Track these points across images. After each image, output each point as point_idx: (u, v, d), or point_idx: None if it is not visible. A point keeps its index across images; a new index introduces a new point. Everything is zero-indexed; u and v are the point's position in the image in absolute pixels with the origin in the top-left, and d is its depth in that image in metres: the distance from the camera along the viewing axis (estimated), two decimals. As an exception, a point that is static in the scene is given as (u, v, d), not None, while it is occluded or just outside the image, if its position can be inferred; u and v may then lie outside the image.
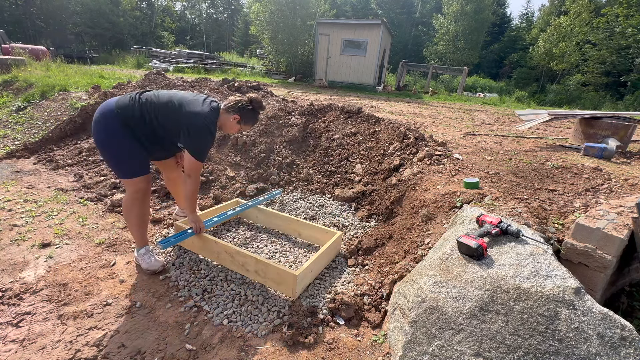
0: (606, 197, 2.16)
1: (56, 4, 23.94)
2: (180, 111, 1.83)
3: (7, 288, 1.79)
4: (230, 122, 2.00)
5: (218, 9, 44.28)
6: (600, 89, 20.95)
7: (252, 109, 2.03)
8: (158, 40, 30.17)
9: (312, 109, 4.41)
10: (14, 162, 3.76)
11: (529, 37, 27.25)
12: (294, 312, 1.76)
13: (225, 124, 2.02)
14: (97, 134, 1.84)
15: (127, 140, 1.83)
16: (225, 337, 1.62)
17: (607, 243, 1.52)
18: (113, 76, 7.62)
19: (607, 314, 1.17)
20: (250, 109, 2.02)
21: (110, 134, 1.82)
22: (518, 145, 4.14)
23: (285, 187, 3.41)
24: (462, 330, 1.28)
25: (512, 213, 1.80)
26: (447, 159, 2.96)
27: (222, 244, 2.08)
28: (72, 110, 4.84)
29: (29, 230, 2.39)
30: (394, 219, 2.58)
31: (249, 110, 2.02)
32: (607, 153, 3.50)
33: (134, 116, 1.82)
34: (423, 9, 33.85)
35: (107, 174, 3.54)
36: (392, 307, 1.62)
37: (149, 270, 2.03)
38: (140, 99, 1.86)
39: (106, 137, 1.82)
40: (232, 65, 17.18)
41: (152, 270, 2.02)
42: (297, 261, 2.31)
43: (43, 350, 1.47)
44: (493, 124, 6.43)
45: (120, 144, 1.83)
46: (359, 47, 13.38)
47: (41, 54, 10.11)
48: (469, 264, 1.42)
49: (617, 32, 17.63)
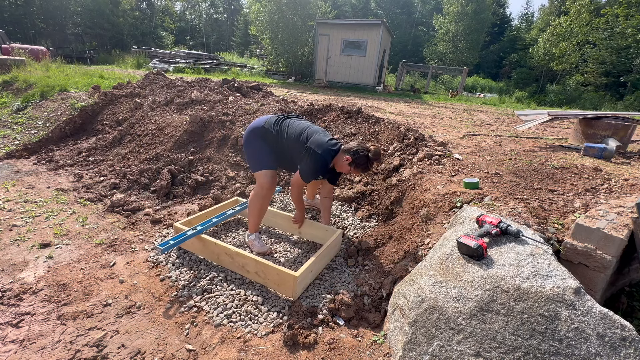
0: (606, 197, 2.16)
1: (56, 4, 23.90)
2: (308, 140, 2.14)
3: (7, 288, 1.79)
4: (342, 161, 2.16)
5: (218, 10, 44.29)
6: (600, 89, 20.95)
7: (365, 155, 2.11)
8: (158, 41, 30.16)
9: (312, 109, 4.41)
10: (13, 163, 3.76)
11: (528, 38, 27.26)
12: (294, 313, 1.76)
13: (337, 162, 2.20)
14: (245, 138, 2.26)
15: (261, 143, 2.22)
16: (225, 338, 1.62)
17: (607, 243, 1.52)
18: (113, 76, 7.63)
19: (607, 314, 1.17)
20: (363, 155, 2.10)
21: (253, 137, 2.23)
22: (518, 146, 4.14)
23: (286, 187, 3.41)
24: (462, 330, 1.28)
25: (512, 213, 1.80)
26: (447, 159, 2.96)
27: (222, 245, 2.09)
28: (72, 111, 4.85)
29: (29, 230, 2.39)
30: (394, 219, 2.58)
31: (362, 157, 2.10)
32: (607, 153, 3.50)
33: (273, 133, 2.20)
34: (423, 9, 33.86)
35: (107, 174, 3.54)
36: (392, 308, 1.62)
37: (260, 252, 2.29)
38: (281, 122, 2.25)
39: (248, 139, 2.25)
40: (232, 65, 17.18)
41: (262, 253, 2.29)
42: (297, 261, 2.31)
43: (43, 351, 1.47)
44: (493, 124, 6.43)
45: (257, 145, 2.23)
46: (359, 47, 13.38)
47: (41, 54, 10.11)
48: (469, 264, 1.42)
49: (617, 33, 17.63)
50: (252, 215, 2.34)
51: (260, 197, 2.26)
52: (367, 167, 2.17)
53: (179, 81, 5.74)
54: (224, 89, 5.51)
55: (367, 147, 2.14)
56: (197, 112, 4.17)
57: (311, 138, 2.14)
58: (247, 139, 2.26)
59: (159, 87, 5.46)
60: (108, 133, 4.48)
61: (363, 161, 2.11)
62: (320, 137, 2.16)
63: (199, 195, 3.25)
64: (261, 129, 2.22)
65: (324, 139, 2.14)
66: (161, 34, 31.85)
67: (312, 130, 2.22)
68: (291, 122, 2.26)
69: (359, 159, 2.10)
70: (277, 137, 2.20)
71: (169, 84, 5.50)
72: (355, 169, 2.15)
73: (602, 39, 18.73)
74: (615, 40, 18.14)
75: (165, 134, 4.01)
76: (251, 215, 2.34)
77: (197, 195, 3.23)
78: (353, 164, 2.12)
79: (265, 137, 2.21)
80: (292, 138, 2.17)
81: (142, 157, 3.76)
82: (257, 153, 2.24)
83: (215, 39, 41.55)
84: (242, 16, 36.38)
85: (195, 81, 5.90)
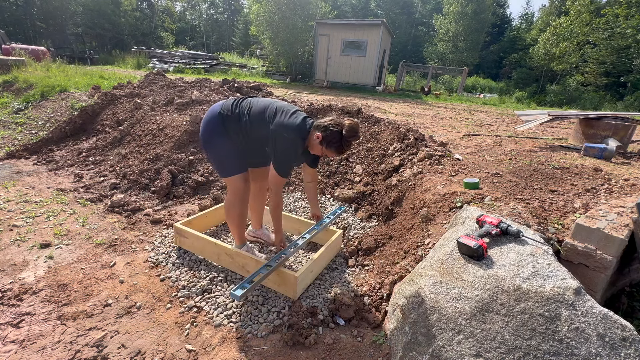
0: (606, 197, 2.16)
1: (56, 5, 23.93)
2: (272, 120, 1.81)
3: (7, 289, 1.79)
4: (312, 139, 1.84)
5: (218, 10, 44.32)
6: (600, 89, 20.94)
7: (338, 132, 1.78)
8: (158, 41, 30.18)
9: (312, 109, 4.41)
10: (14, 163, 3.76)
11: (528, 38, 27.27)
12: (294, 313, 1.76)
13: (310, 142, 1.87)
14: (202, 134, 1.94)
15: (224, 139, 1.89)
16: (225, 338, 1.62)
17: (607, 243, 1.51)
18: (113, 77, 7.63)
19: (607, 315, 1.17)
20: (335, 132, 1.77)
21: (210, 133, 1.90)
22: (518, 146, 4.14)
23: (285, 187, 3.41)
24: (463, 330, 1.28)
25: (512, 213, 1.80)
26: (447, 159, 2.96)
27: (222, 245, 2.08)
28: (72, 111, 4.85)
29: (29, 230, 2.39)
30: (394, 220, 2.58)
31: (334, 133, 1.77)
32: (607, 153, 3.50)
33: (232, 117, 1.87)
34: (423, 10, 33.87)
35: (107, 175, 3.54)
36: (392, 308, 1.62)
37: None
38: (240, 102, 1.93)
39: (208, 137, 1.91)
40: (232, 65, 17.19)
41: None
42: (297, 262, 2.31)
43: (43, 351, 1.47)
44: (493, 125, 6.43)
45: (218, 143, 1.90)
46: (359, 47, 13.38)
47: (41, 55, 10.11)
48: (469, 264, 1.42)
49: (617, 33, 17.63)
50: (233, 225, 2.08)
51: (239, 201, 2.00)
52: (341, 146, 1.81)
53: (179, 81, 5.74)
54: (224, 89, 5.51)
55: (341, 122, 1.81)
56: (197, 112, 4.17)
57: (276, 119, 1.80)
58: (205, 137, 1.92)
59: (159, 88, 5.46)
60: (108, 133, 4.49)
61: (335, 139, 1.77)
62: (286, 116, 1.81)
63: (199, 195, 3.25)
64: (217, 117, 1.88)
65: (290, 119, 1.81)
66: (161, 34, 31.87)
67: (277, 106, 1.87)
68: (252, 101, 1.93)
69: (331, 136, 1.77)
70: (238, 121, 1.86)
71: (169, 84, 5.50)
72: (328, 149, 1.82)
73: (602, 39, 18.73)
74: (615, 41, 18.14)
75: (166, 134, 4.01)
76: (232, 224, 2.08)
77: (197, 196, 3.24)
78: (324, 142, 1.79)
79: (225, 126, 1.88)
80: (256, 116, 1.85)
81: (142, 157, 3.76)
82: (221, 155, 1.93)
83: (215, 39, 41.56)
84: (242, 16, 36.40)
85: (195, 81, 5.90)
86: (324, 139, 1.79)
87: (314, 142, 1.83)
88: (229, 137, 1.90)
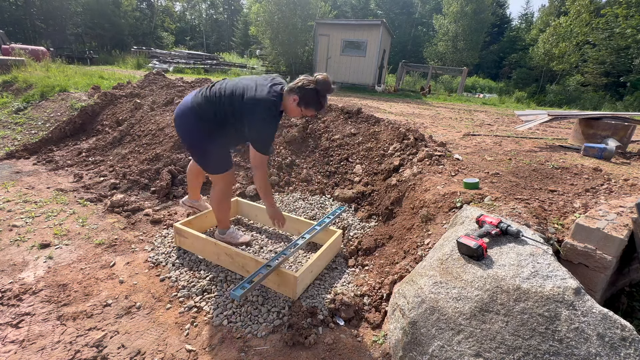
0: (606, 197, 2.16)
1: (56, 5, 23.93)
2: (241, 100, 1.80)
3: (7, 289, 1.79)
4: (289, 103, 1.82)
5: (218, 10, 44.33)
6: (599, 89, 20.96)
7: (313, 89, 1.78)
8: (158, 41, 30.19)
9: (312, 109, 4.41)
10: (13, 163, 3.76)
11: (528, 38, 27.31)
12: (293, 313, 1.76)
13: (286, 107, 1.85)
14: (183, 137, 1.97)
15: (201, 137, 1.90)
16: (225, 338, 1.62)
17: (607, 243, 1.52)
18: (113, 77, 7.63)
19: (607, 315, 1.17)
20: (311, 89, 1.77)
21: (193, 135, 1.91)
22: (518, 146, 4.14)
23: (285, 187, 3.41)
24: (462, 330, 1.28)
25: (512, 213, 1.80)
26: (447, 159, 2.96)
27: (222, 245, 2.08)
28: (72, 111, 4.85)
29: (29, 230, 2.39)
30: (394, 220, 2.58)
31: (310, 91, 1.77)
32: (607, 153, 3.50)
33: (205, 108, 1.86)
34: (423, 10, 33.89)
35: (107, 175, 3.54)
36: (392, 308, 1.62)
37: (242, 243, 2.34)
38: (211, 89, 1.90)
39: (191, 140, 1.93)
40: (232, 65, 17.19)
41: (244, 243, 2.34)
42: (297, 262, 2.31)
43: (42, 351, 1.46)
44: (493, 125, 6.43)
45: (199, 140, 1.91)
46: (359, 47, 13.38)
47: (41, 55, 10.10)
48: (469, 264, 1.42)
49: (617, 33, 17.65)
50: (222, 214, 2.26)
51: (227, 196, 2.20)
52: (319, 103, 1.82)
53: (178, 81, 5.74)
54: (224, 89, 5.51)
55: (313, 78, 1.80)
56: (197, 112, 4.16)
57: (246, 95, 1.78)
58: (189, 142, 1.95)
59: (158, 88, 5.46)
60: (108, 133, 4.49)
61: (312, 96, 1.78)
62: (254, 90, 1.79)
63: (201, 195, 3.25)
64: (190, 110, 1.87)
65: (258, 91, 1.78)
66: (161, 34, 31.89)
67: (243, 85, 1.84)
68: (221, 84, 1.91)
69: (308, 95, 1.78)
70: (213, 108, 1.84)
71: (169, 84, 5.50)
72: (307, 108, 1.83)
73: (602, 39, 18.75)
74: (615, 41, 18.16)
75: (165, 134, 4.01)
76: (221, 214, 2.25)
77: (197, 196, 3.23)
78: (302, 103, 1.80)
79: (201, 118, 1.87)
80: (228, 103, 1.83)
81: (142, 157, 3.76)
82: (209, 154, 1.96)
83: (215, 39, 41.59)
84: (242, 16, 36.40)
85: (195, 81, 5.89)
86: (301, 100, 1.79)
87: (291, 105, 1.82)
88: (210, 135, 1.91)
